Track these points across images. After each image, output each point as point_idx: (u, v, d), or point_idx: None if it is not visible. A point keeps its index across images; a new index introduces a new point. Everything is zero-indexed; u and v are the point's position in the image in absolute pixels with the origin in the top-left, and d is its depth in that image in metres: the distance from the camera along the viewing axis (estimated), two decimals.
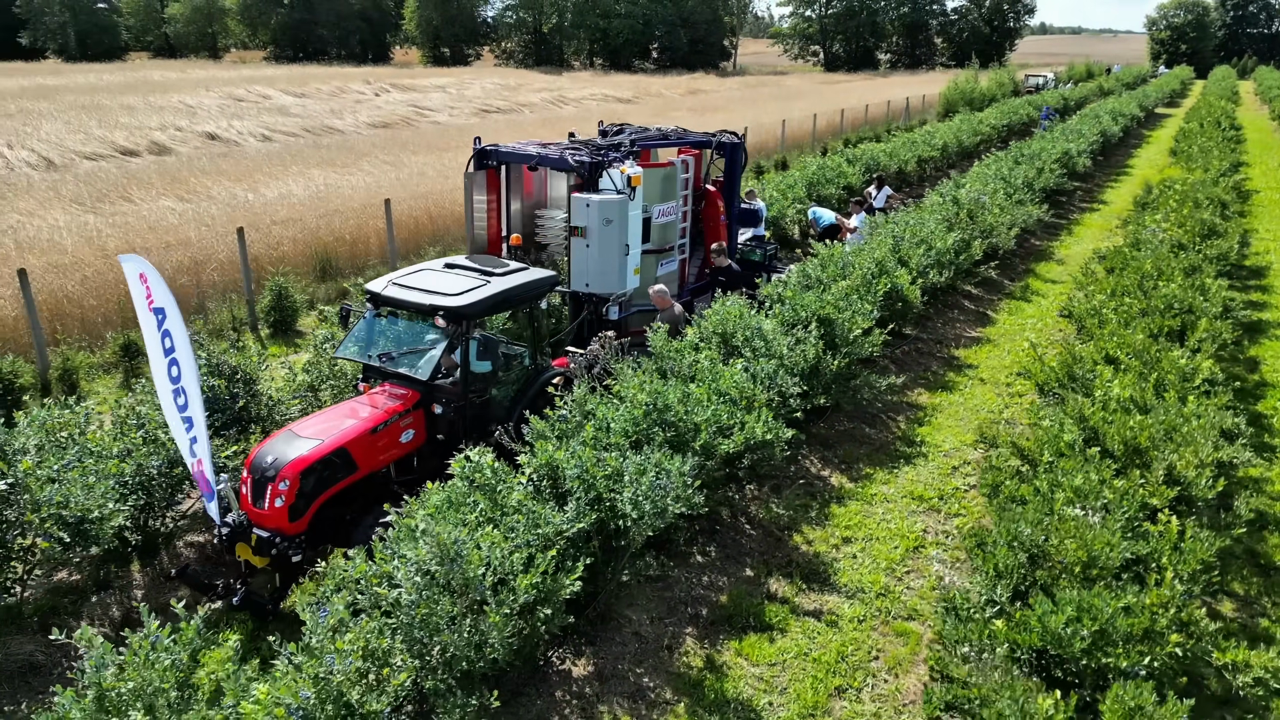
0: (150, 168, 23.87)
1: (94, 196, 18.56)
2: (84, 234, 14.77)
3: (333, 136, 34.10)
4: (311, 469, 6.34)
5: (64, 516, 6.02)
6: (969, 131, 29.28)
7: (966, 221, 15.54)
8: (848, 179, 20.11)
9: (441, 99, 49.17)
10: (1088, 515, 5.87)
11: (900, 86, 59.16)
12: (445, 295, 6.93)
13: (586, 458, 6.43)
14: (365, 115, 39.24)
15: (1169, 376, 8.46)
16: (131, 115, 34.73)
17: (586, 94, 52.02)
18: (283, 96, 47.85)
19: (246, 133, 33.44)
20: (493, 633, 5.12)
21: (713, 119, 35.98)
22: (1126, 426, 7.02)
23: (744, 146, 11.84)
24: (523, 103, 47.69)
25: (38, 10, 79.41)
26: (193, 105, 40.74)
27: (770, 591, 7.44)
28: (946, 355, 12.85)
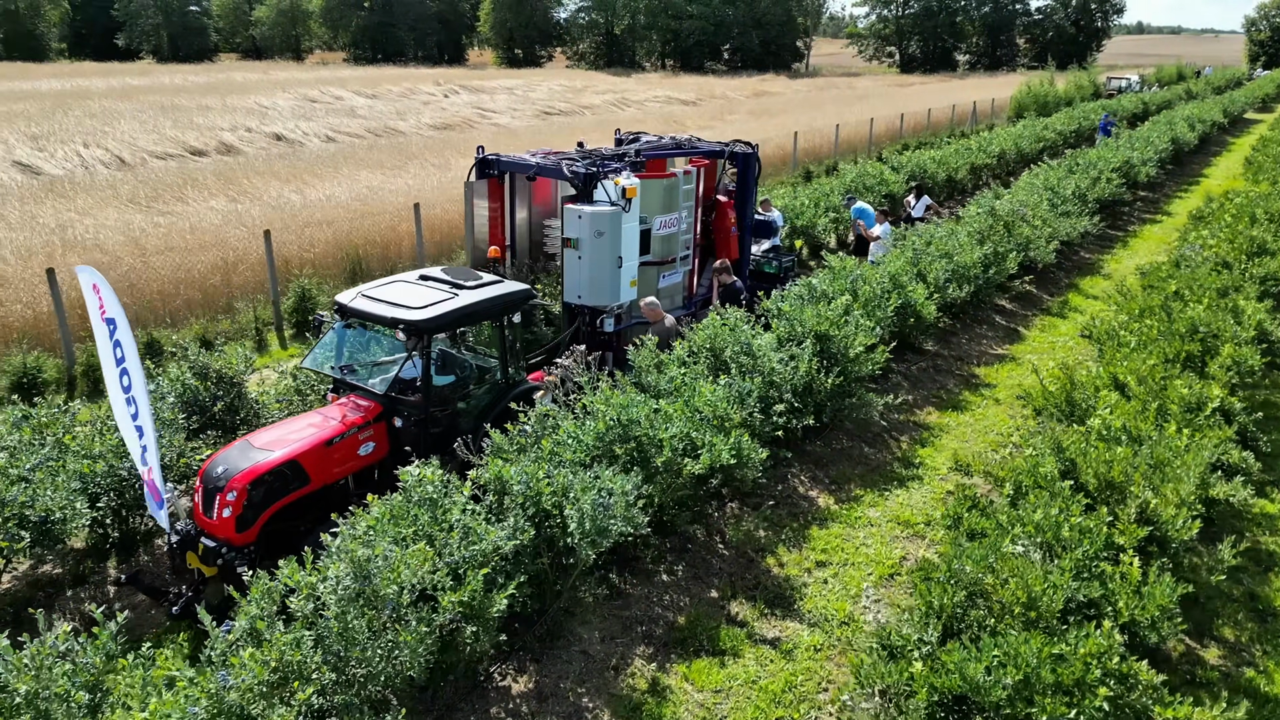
0: (211, 168, 24.74)
1: (149, 196, 19.31)
2: (128, 233, 15.38)
3: (394, 138, 34.83)
4: (260, 480, 6.44)
5: (27, 516, 6.26)
6: (1031, 138, 28.35)
7: (1002, 234, 15.06)
8: (889, 187, 19.67)
9: (506, 101, 49.82)
10: (1029, 554, 5.62)
11: (974, 89, 57.64)
12: (409, 308, 6.99)
13: (532, 473, 6.42)
14: (428, 117, 39.98)
15: (1171, 406, 8.05)
16: (206, 116, 35.99)
17: (649, 96, 52.07)
18: (354, 98, 49.02)
19: (312, 134, 34.40)
20: (404, 651, 5.14)
21: (768, 123, 35.69)
22: (1101, 460, 6.70)
23: (757, 156, 11.68)
24: (585, 105, 47.97)
25: (134, 13, 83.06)
26: (267, 106, 41.99)
27: (731, 614, 7.32)
28: (965, 373, 12.47)
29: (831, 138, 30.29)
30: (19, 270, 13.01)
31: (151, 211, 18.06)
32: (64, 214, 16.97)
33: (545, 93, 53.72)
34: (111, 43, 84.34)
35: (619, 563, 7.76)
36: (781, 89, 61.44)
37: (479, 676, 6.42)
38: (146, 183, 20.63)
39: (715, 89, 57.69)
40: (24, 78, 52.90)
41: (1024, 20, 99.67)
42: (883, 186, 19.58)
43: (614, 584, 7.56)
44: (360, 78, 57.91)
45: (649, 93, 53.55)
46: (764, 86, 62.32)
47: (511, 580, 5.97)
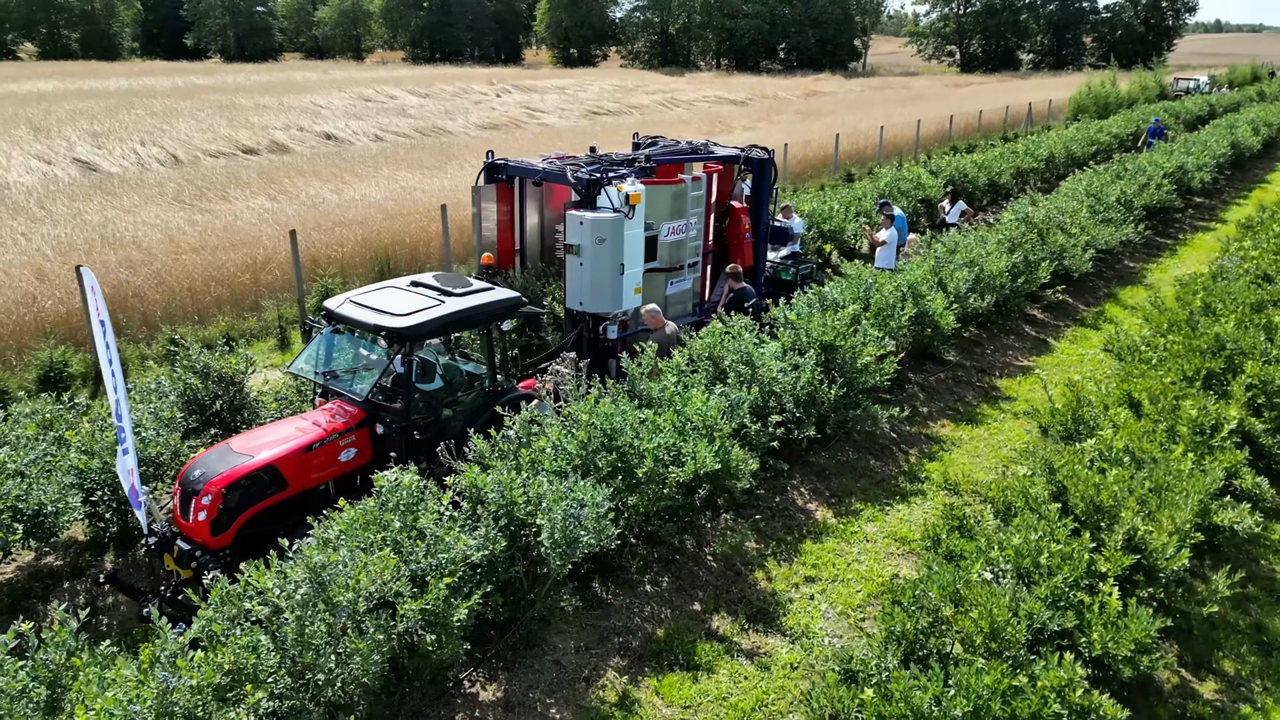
0: (259, 166, 25.33)
1: (194, 194, 19.84)
2: (166, 231, 15.82)
3: (440, 137, 35.27)
4: (236, 485, 6.52)
5: (21, 509, 6.47)
6: (1084, 141, 27.57)
7: (1035, 242, 14.68)
8: (926, 191, 19.29)
9: (556, 100, 50.07)
10: (998, 581, 5.45)
11: (1035, 90, 56.27)
12: (392, 315, 7.04)
13: (505, 482, 6.43)
14: (476, 117, 40.39)
15: (1180, 427, 7.75)
16: (261, 115, 36.80)
17: (699, 96, 51.89)
18: (408, 97, 49.72)
19: (361, 133, 34.99)
20: (355, 658, 5.19)
21: (814, 123, 35.31)
22: (1090, 483, 6.47)
23: (773, 162, 11.53)
24: (634, 105, 48.01)
25: (203, 13, 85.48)
26: (322, 105, 42.77)
27: (711, 628, 7.25)
28: (986, 385, 12.17)
29: (878, 139, 29.82)
30: (57, 266, 13.45)
31: (194, 209, 18.55)
32: (109, 211, 17.52)
33: (595, 93, 53.88)
34: (181, 42, 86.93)
35: (602, 572, 7.73)
36: (834, 89, 60.74)
37: (448, 683, 6.46)
38: (193, 181, 21.19)
39: (767, 89, 57.26)
40: (95, 76, 54.79)
41: (1092, 18, 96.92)
42: (919, 191, 19.21)
43: (596, 593, 7.54)
44: (415, 77, 58.74)
45: (699, 92, 53.38)
46: (817, 86, 61.67)
47: (477, 589, 5.99)
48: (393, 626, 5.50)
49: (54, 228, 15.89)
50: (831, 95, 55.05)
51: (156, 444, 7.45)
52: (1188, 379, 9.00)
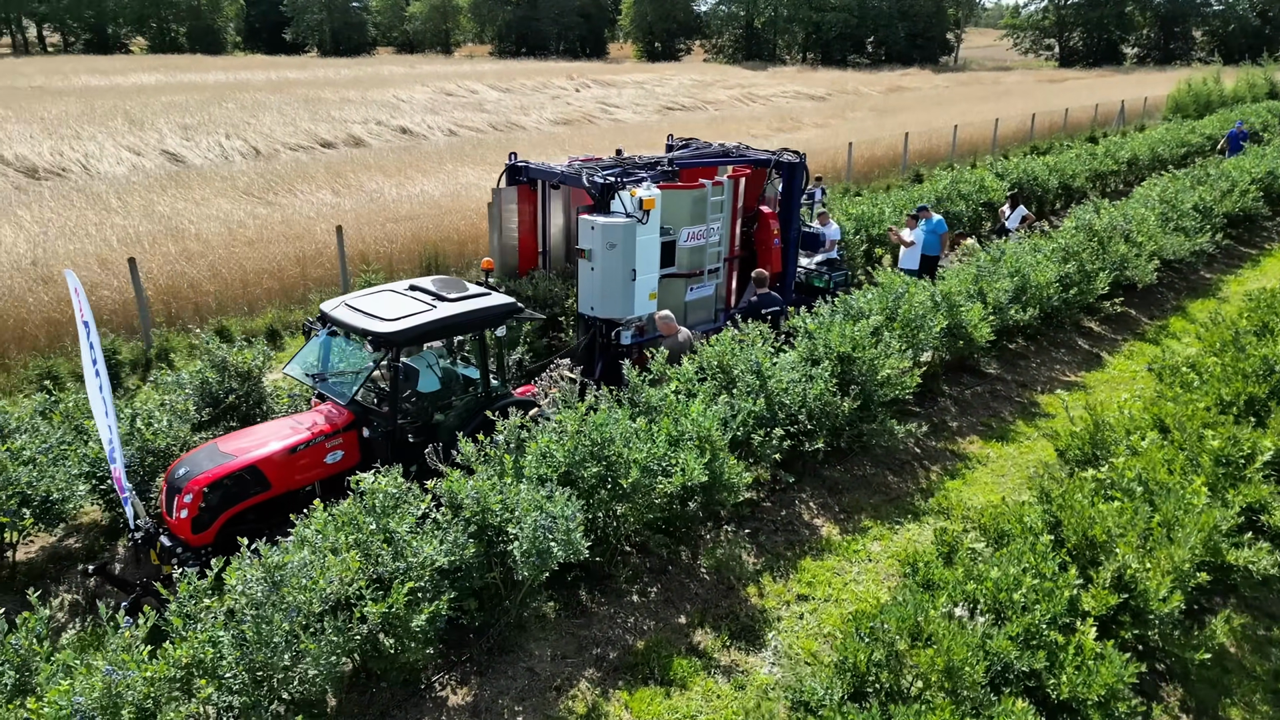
0: (333, 160, 26.07)
1: (262, 188, 20.52)
2: (227, 223, 16.41)
3: (512, 133, 35.70)
4: (217, 484, 6.70)
5: (29, 495, 6.81)
6: (1173, 142, 26.22)
7: (1095, 251, 14.04)
8: (990, 194, 18.63)
9: (632, 95, 50.10)
10: (965, 616, 5.22)
11: (1136, 86, 53.75)
12: (380, 319, 7.13)
13: (481, 489, 6.47)
14: (550, 112, 40.71)
15: (1202, 457, 7.31)
16: (343, 109, 37.80)
17: (776, 91, 51.24)
18: (488, 91, 50.42)
19: (436, 128, 35.66)
20: (306, 658, 5.30)
21: (889, 120, 34.48)
22: (1085, 514, 6.15)
23: (804, 166, 11.27)
24: (709, 100, 47.70)
25: (301, 8, 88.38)
26: (403, 100, 43.66)
27: (693, 643, 7.17)
28: (1025, 400, 11.70)
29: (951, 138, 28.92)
30: (119, 256, 14.06)
31: (259, 202, 19.20)
32: (179, 203, 18.27)
33: (673, 88, 53.69)
34: (280, 37, 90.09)
35: (589, 579, 7.72)
36: (920, 84, 59.20)
37: (419, 684, 6.54)
38: (264, 175, 21.91)
39: (848, 84, 56.16)
40: (196, 70, 57.20)
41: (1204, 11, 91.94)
42: (981, 194, 18.57)
43: (581, 601, 7.53)
44: (497, 71, 59.63)
45: (777, 88, 52.71)
46: (902, 81, 60.21)
47: (443, 595, 6.05)
48: (350, 629, 5.59)
49: (125, 219, 16.65)
50: (915, 91, 53.67)
51: (165, 435, 7.74)
52: (1224, 405, 8.48)
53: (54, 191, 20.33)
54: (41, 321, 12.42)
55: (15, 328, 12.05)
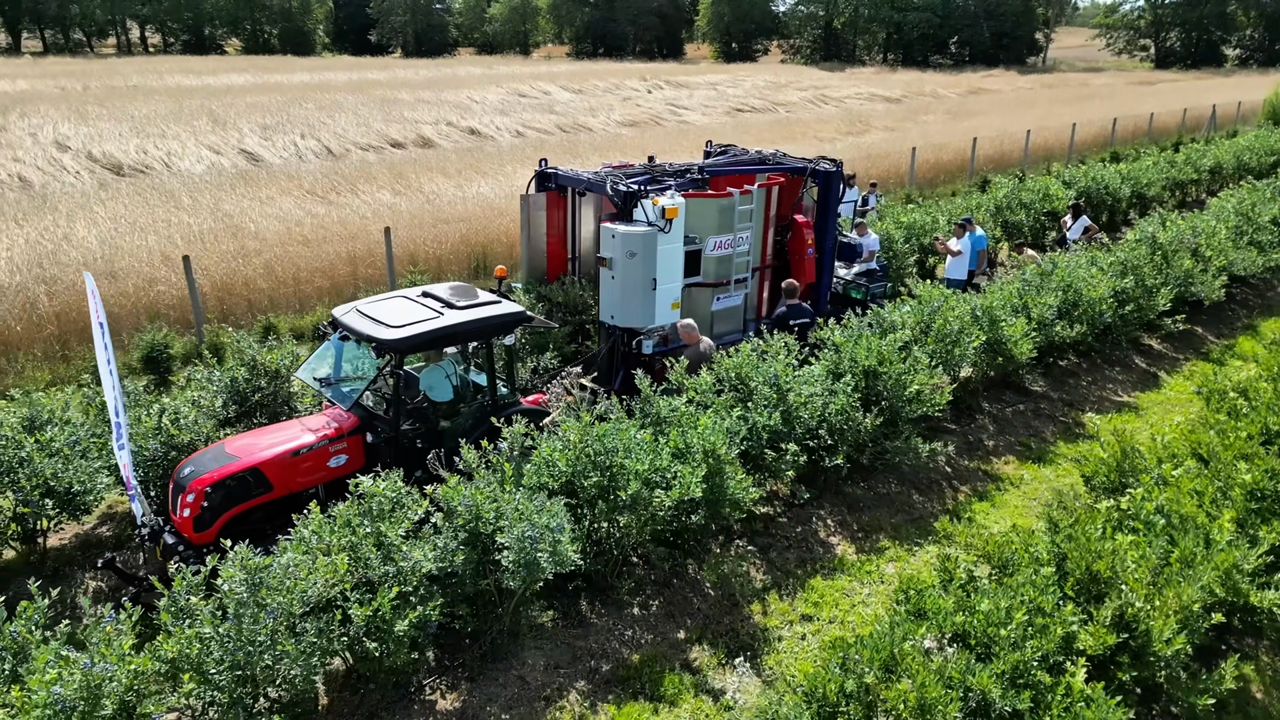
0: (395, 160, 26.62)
1: (326, 187, 21.08)
2: (286, 222, 16.90)
3: (579, 134, 35.92)
4: (220, 485, 6.87)
5: (53, 487, 7.12)
6: (1261, 150, 24.94)
7: (1159, 265, 13.44)
8: (1054, 204, 17.99)
9: (704, 97, 49.91)
10: (939, 650, 5.04)
11: (1236, 89, 51.28)
12: (386, 326, 7.23)
13: (474, 497, 6.51)
14: (619, 114, 40.82)
15: (1234, 490, 6.92)
16: (416, 110, 38.58)
17: (850, 93, 50.44)
18: (561, 93, 50.84)
19: (504, 129, 36.11)
20: (283, 660, 5.41)
21: (962, 125, 33.63)
22: (1088, 548, 5.88)
23: (841, 175, 11.03)
24: (780, 102, 47.22)
25: (386, 10, 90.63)
26: (476, 101, 44.33)
27: (688, 659, 7.09)
28: (1070, 420, 11.26)
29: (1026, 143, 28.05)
30: (181, 252, 14.60)
31: (322, 201, 19.72)
32: (245, 202, 18.88)
33: (746, 89, 53.33)
34: (366, 38, 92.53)
35: (590, 590, 7.71)
36: (1001, 86, 57.56)
37: (410, 687, 6.62)
38: (330, 175, 22.49)
39: (925, 86, 54.95)
40: (283, 71, 58.96)
41: None
42: (1044, 203, 17.95)
43: (581, 611, 7.53)
44: (570, 72, 60.05)
45: (850, 89, 51.89)
46: (983, 83, 58.64)
47: (430, 601, 6.11)
48: (333, 631, 5.69)
49: (192, 216, 17.30)
50: (995, 94, 52.20)
51: (189, 431, 8.00)
52: (1270, 434, 8.02)
53: (134, 188, 21.21)
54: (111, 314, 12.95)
55: (77, 320, 12.62)
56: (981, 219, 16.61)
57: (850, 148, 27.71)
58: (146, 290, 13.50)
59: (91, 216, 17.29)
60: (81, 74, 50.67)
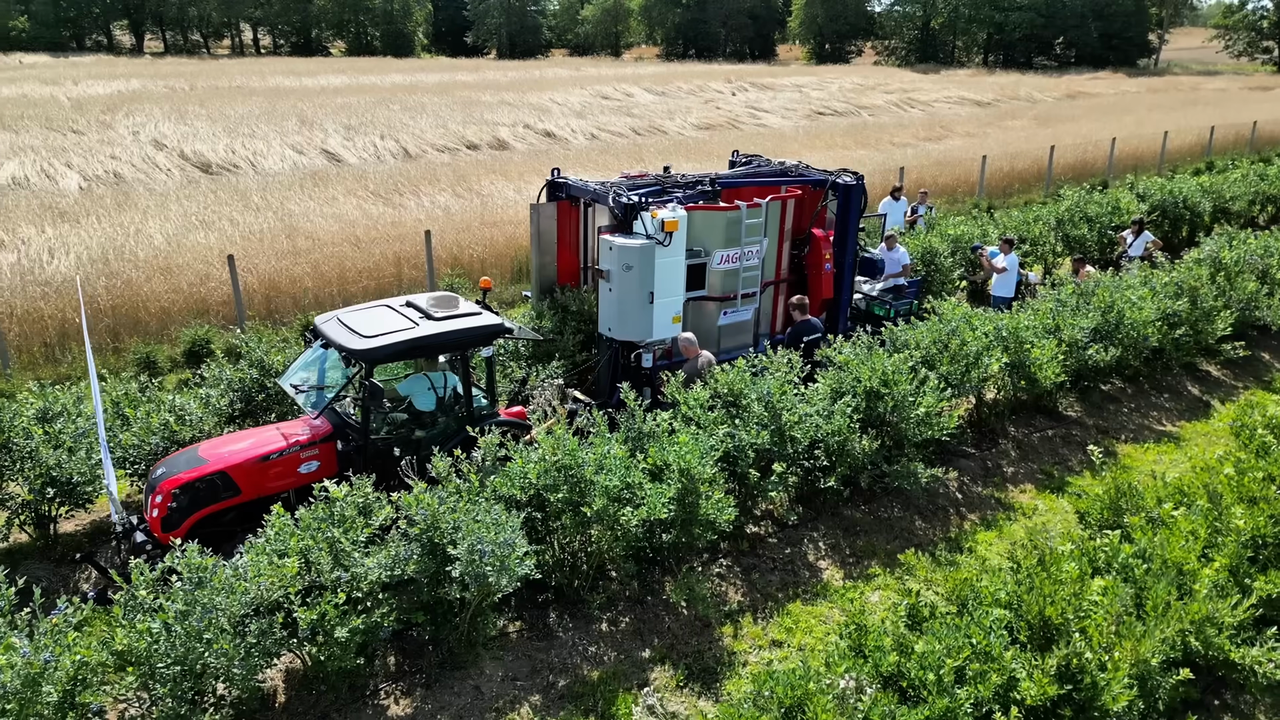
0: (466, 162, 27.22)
1: (390, 188, 21.65)
2: (342, 222, 17.44)
3: (653, 137, 35.89)
4: (188, 487, 7.10)
5: (55, 477, 7.53)
6: None
7: (1222, 286, 12.69)
8: (1123, 218, 17.12)
9: (787, 99, 49.25)
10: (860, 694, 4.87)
11: None
12: (360, 336, 7.37)
13: (431, 506, 6.59)
14: (695, 117, 40.63)
15: (1226, 538, 6.49)
16: (496, 112, 39.18)
17: (939, 96, 49.07)
18: (644, 95, 50.89)
19: (579, 131, 36.36)
20: (221, 658, 5.59)
21: (1047, 131, 32.36)
22: (1041, 592, 5.59)
23: (862, 188, 10.73)
24: (863, 105, 46.25)
25: (482, 12, 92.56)
26: (559, 103, 44.70)
27: (646, 679, 7.04)
28: (1103, 449, 10.71)
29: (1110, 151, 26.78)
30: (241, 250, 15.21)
31: (384, 203, 20.26)
32: (310, 202, 19.56)
33: (831, 92, 52.41)
34: (462, 40, 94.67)
35: (561, 602, 7.71)
36: (1103, 90, 55.04)
37: (367, 690, 6.76)
38: (395, 175, 23.11)
39: (1021, 89, 52.97)
40: (377, 72, 60.70)
41: None
42: (1114, 217, 17.10)
43: (549, 624, 7.55)
44: (655, 74, 60.10)
45: (940, 93, 50.46)
46: (1083, 87, 56.18)
47: (379, 608, 6.22)
48: (275, 633, 5.86)
49: (256, 215, 18.03)
50: (1095, 98, 49.97)
51: (193, 427, 8.35)
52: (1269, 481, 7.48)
53: (215, 186, 22.22)
54: (156, 309, 13.66)
55: (130, 314, 13.31)
56: (1038, 232, 15.95)
57: (921, 154, 27.01)
58: (198, 286, 14.12)
59: (166, 213, 18.20)
60: (191, 74, 53.17)
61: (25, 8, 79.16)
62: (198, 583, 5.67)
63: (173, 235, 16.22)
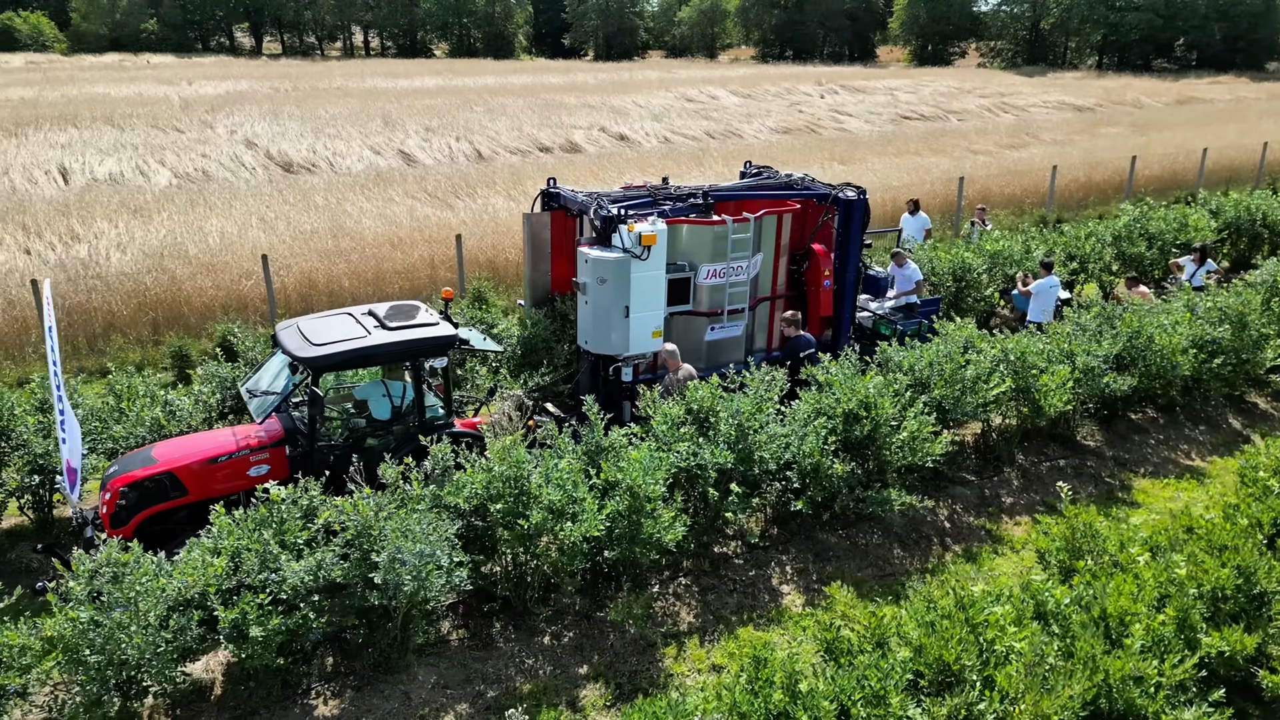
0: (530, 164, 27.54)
1: (447, 191, 22.13)
2: (389, 223, 17.92)
3: (727, 141, 35.61)
4: (136, 485, 7.39)
5: (42, 465, 8.00)
6: None
7: (1274, 313, 11.86)
8: (1190, 236, 16.12)
9: (876, 103, 48.11)
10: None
11: None
12: (309, 344, 7.54)
13: (364, 513, 6.72)
14: (774, 120, 40.09)
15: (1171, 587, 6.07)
16: (574, 115, 39.46)
17: (1037, 101, 47.15)
18: (729, 98, 50.48)
19: (653, 135, 36.38)
20: (135, 651, 5.83)
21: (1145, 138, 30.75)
22: (943, 635, 5.33)
23: (864, 203, 10.39)
24: (954, 110, 44.80)
25: (580, 15, 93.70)
26: (641, 105, 44.77)
27: (575, 696, 7.02)
28: (1118, 482, 10.15)
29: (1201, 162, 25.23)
30: (289, 249, 15.83)
31: (440, 205, 20.73)
32: (367, 203, 20.17)
33: (924, 95, 50.96)
34: (560, 41, 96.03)
35: (508, 613, 7.76)
36: (1218, 95, 51.87)
37: (299, 688, 6.94)
38: (454, 178, 23.55)
39: (1128, 93, 50.43)
40: (472, 74, 62.04)
41: None
42: (1180, 234, 16.13)
43: (491, 633, 7.60)
44: (744, 77, 59.52)
45: (1038, 97, 48.48)
46: (1197, 91, 53.12)
47: (299, 610, 6.39)
48: (190, 630, 6.08)
49: (312, 214, 18.68)
50: (1206, 104, 47.16)
51: (181, 422, 8.73)
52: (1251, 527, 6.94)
53: (288, 185, 23.08)
54: (198, 305, 14.33)
55: (171, 308, 14.00)
56: (1090, 249, 15.17)
57: (991, 162, 26.05)
58: (239, 284, 14.75)
59: (230, 212, 19.06)
60: (296, 76, 55.44)
61: (155, 11, 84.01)
62: (113, 577, 5.93)
63: (228, 233, 16.97)
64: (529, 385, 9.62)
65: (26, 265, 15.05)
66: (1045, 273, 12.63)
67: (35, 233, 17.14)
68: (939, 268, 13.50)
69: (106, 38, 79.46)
